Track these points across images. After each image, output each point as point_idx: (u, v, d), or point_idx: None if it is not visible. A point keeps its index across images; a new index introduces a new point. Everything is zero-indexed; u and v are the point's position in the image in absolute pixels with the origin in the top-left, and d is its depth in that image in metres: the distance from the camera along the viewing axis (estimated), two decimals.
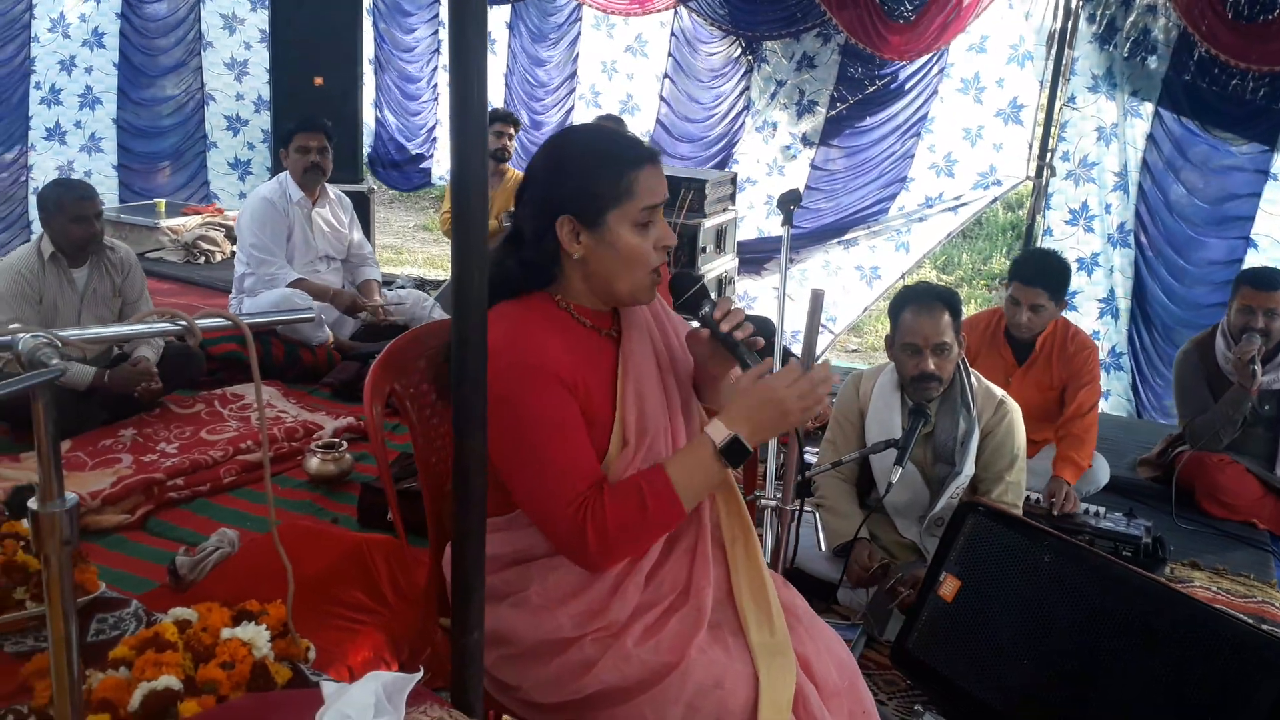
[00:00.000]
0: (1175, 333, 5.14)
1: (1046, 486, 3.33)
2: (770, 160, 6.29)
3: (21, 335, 1.01)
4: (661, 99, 6.63)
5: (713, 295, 1.65)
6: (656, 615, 1.61)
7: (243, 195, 7.48)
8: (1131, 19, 5.07)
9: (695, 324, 1.72)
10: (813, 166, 6.16)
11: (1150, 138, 5.16)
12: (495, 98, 7.12)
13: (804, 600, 1.81)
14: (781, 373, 1.49)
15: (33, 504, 1.06)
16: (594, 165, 1.58)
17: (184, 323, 1.13)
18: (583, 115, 6.97)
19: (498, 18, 6.96)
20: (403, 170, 7.77)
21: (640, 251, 1.59)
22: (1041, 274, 3.46)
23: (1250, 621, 2.36)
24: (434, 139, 7.66)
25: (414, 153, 7.70)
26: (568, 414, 1.55)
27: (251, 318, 1.21)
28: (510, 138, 5.93)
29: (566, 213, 1.57)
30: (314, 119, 4.73)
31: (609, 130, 1.75)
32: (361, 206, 6.00)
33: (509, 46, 7.09)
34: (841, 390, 3.02)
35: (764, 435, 1.52)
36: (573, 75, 6.93)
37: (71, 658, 1.15)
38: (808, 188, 6.14)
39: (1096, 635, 2.21)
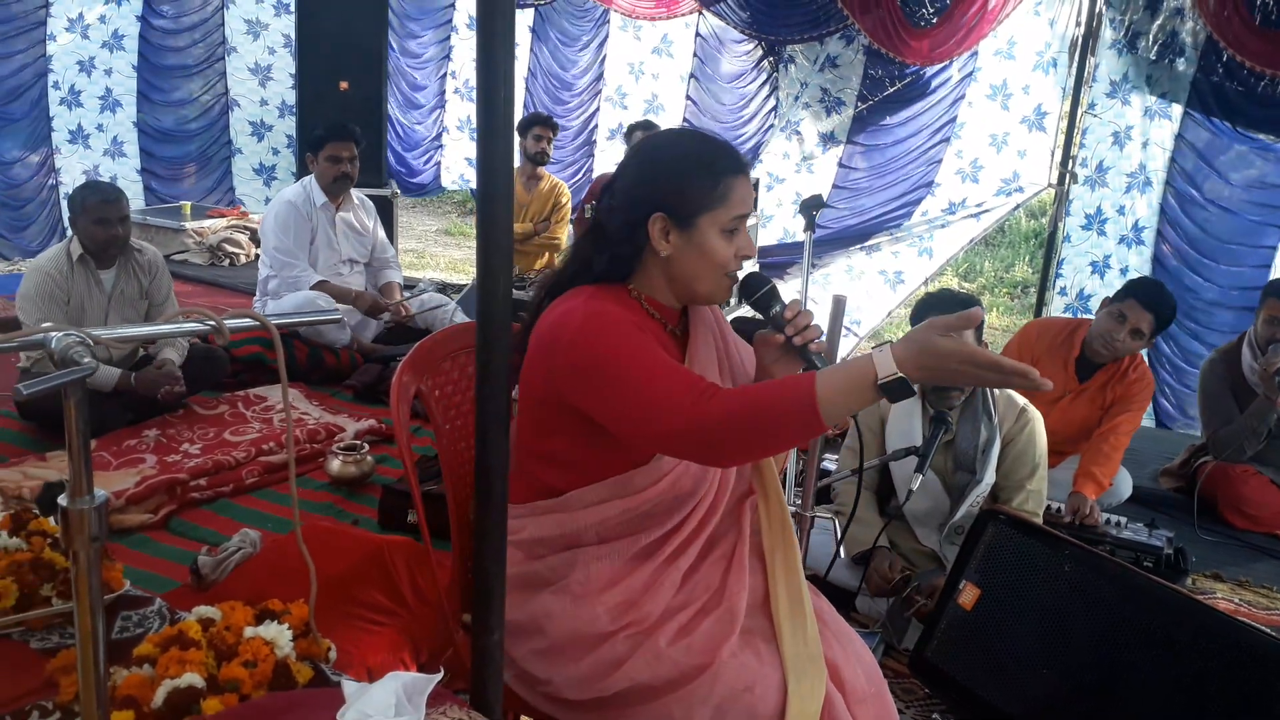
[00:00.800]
0: (1202, 323, 5.18)
1: (1068, 502, 3.31)
2: (798, 159, 6.29)
3: (54, 333, 1.03)
4: (688, 98, 6.66)
5: (783, 298, 1.66)
6: (690, 615, 1.62)
7: (268, 200, 7.54)
8: (1159, 22, 5.05)
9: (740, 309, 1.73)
10: (840, 165, 6.17)
11: (1180, 137, 5.14)
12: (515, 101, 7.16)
13: (830, 605, 1.82)
14: (976, 351, 1.34)
15: (63, 500, 1.07)
16: (693, 168, 1.61)
17: (213, 322, 1.14)
18: (608, 117, 7.01)
19: (520, 23, 7.01)
20: (411, 176, 7.83)
21: (724, 257, 1.62)
22: (1160, 302, 3.39)
23: (1271, 633, 2.34)
24: (440, 145, 7.72)
25: (422, 158, 7.76)
26: (655, 346, 1.56)
27: (279, 318, 1.23)
28: (549, 141, 5.97)
29: (660, 211, 1.60)
30: (345, 127, 4.71)
31: (707, 134, 1.77)
32: (385, 210, 6.05)
33: (531, 50, 7.14)
34: None
35: (932, 382, 1.41)
36: (599, 78, 6.98)
37: (98, 653, 1.17)
38: (835, 186, 6.16)
39: (1117, 645, 2.20)
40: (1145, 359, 3.66)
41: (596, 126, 7.07)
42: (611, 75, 6.97)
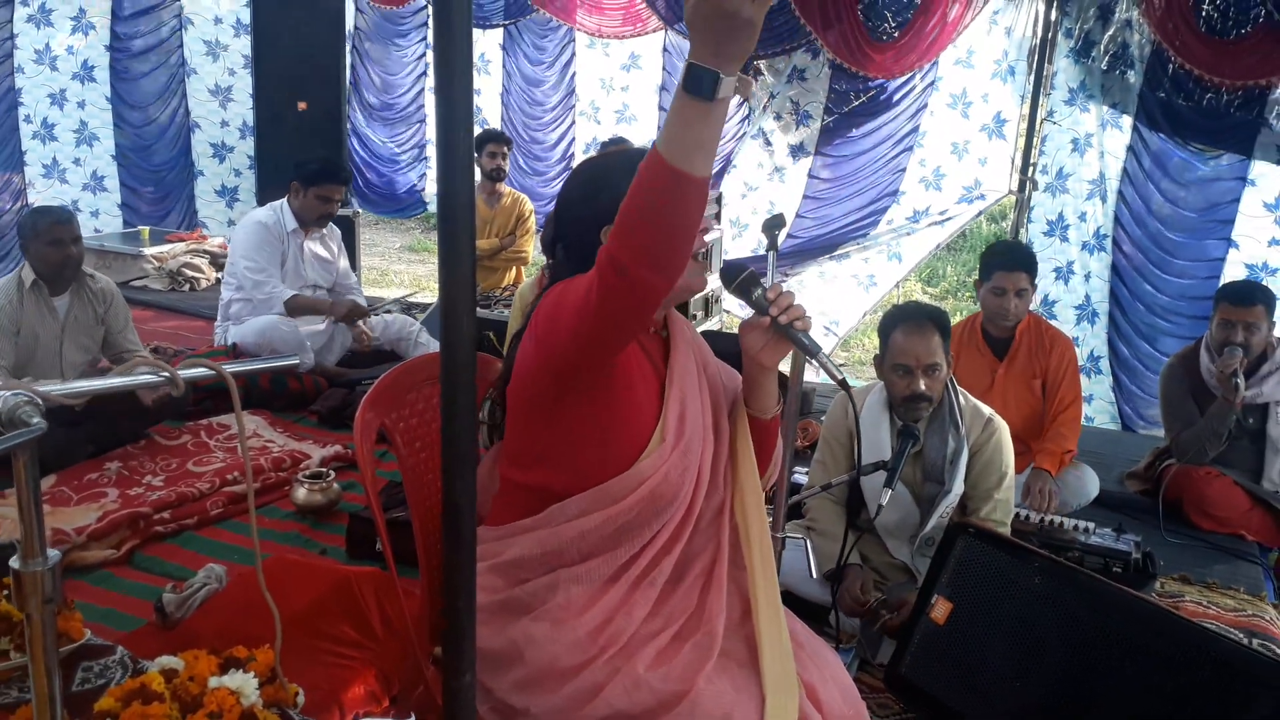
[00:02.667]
0: (1157, 329, 5.27)
1: (1027, 480, 3.35)
2: (770, 169, 6.32)
3: (2, 393, 1.01)
4: (661, 109, 6.69)
5: (764, 282, 1.66)
6: (667, 640, 1.61)
7: (231, 223, 7.49)
8: (1110, 33, 5.12)
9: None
10: (810, 176, 6.19)
11: (1130, 149, 5.21)
12: (493, 117, 7.17)
13: (804, 626, 1.81)
14: None
15: (14, 563, 1.05)
16: (623, 174, 1.60)
17: (167, 374, 1.12)
18: (584, 130, 7.02)
19: (492, 40, 7.01)
20: (389, 195, 7.77)
21: None
22: (1020, 259, 3.66)
23: (1241, 638, 2.37)
24: (425, 158, 7.66)
25: (400, 177, 7.70)
26: None
27: (234, 367, 1.21)
28: (504, 157, 5.99)
29: (608, 223, 1.58)
30: (341, 170, 4.70)
31: (630, 147, 1.79)
32: (347, 230, 6.01)
33: (503, 67, 7.13)
34: (831, 410, 3.02)
35: (728, 50, 1.27)
36: (571, 93, 6.99)
37: (56, 715, 1.14)
38: (805, 197, 6.18)
39: (1089, 656, 2.21)
40: (1080, 330, 3.83)
41: (574, 140, 7.07)
42: (584, 90, 6.98)
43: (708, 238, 1.70)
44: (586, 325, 1.50)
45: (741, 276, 1.67)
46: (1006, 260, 3.65)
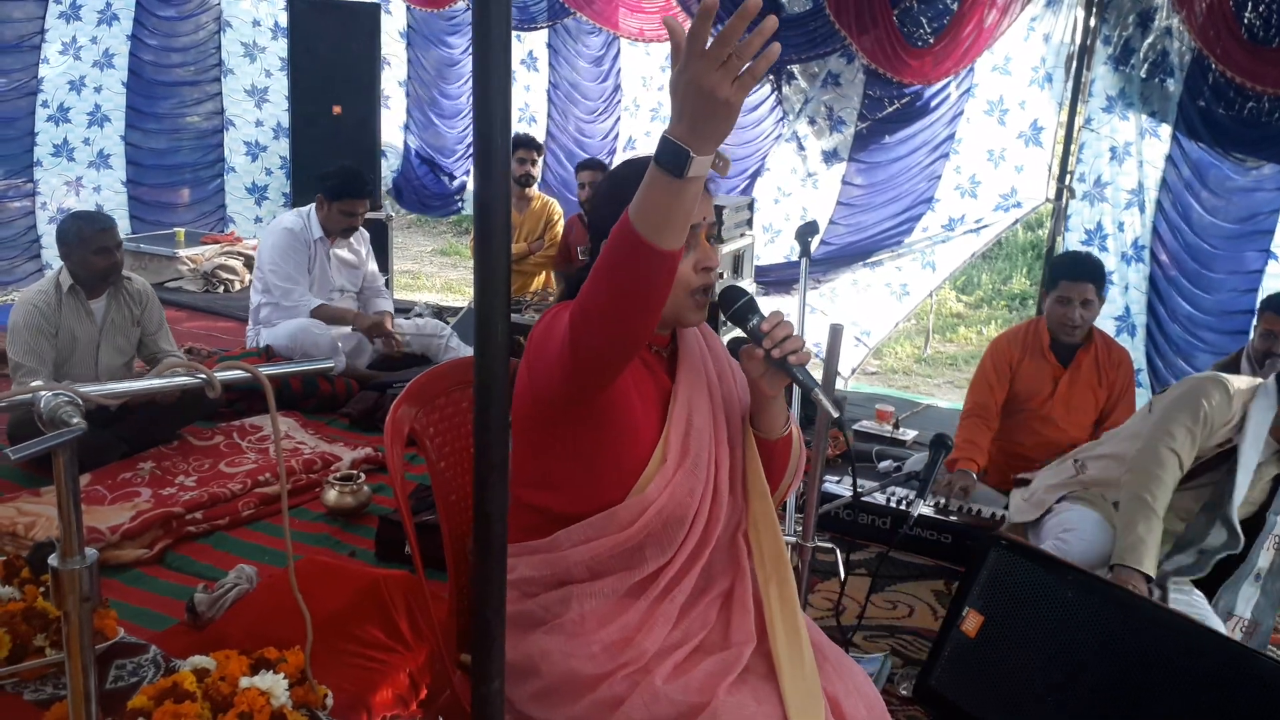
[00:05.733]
0: (1195, 344, 5.18)
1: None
2: (804, 174, 6.30)
3: (43, 393, 1.02)
4: None
5: (762, 311, 1.62)
6: (686, 654, 1.60)
7: (258, 219, 7.58)
8: (1149, 40, 5.06)
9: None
10: (844, 182, 6.17)
11: (1169, 158, 5.14)
12: (540, 114, 7.27)
13: (829, 639, 1.80)
14: (689, 61, 1.20)
15: (53, 561, 1.05)
16: (631, 186, 1.59)
17: (204, 376, 1.13)
18: (628, 126, 7.07)
19: (540, 39, 7.12)
20: (434, 195, 7.83)
21: (680, 275, 1.59)
22: (1087, 269, 3.61)
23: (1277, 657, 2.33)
24: (469, 155, 7.73)
25: (446, 176, 7.77)
26: None
27: (270, 369, 1.21)
28: (534, 163, 6.03)
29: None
30: (364, 184, 4.74)
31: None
32: (380, 233, 6.06)
33: (550, 64, 7.20)
34: (1218, 391, 2.87)
35: (704, 129, 1.24)
36: (617, 89, 7.03)
37: (91, 712, 1.14)
38: (839, 203, 6.16)
39: (1122, 671, 2.18)
40: (1120, 342, 3.87)
41: (617, 135, 7.11)
42: (628, 86, 7.02)
43: (739, 245, 1.69)
44: (568, 362, 1.50)
45: (737, 305, 1.63)
46: (1072, 270, 3.60)
